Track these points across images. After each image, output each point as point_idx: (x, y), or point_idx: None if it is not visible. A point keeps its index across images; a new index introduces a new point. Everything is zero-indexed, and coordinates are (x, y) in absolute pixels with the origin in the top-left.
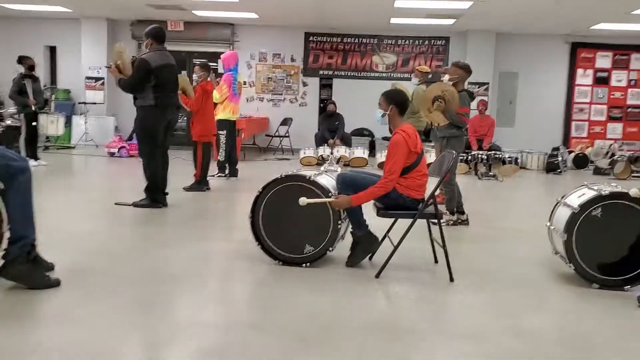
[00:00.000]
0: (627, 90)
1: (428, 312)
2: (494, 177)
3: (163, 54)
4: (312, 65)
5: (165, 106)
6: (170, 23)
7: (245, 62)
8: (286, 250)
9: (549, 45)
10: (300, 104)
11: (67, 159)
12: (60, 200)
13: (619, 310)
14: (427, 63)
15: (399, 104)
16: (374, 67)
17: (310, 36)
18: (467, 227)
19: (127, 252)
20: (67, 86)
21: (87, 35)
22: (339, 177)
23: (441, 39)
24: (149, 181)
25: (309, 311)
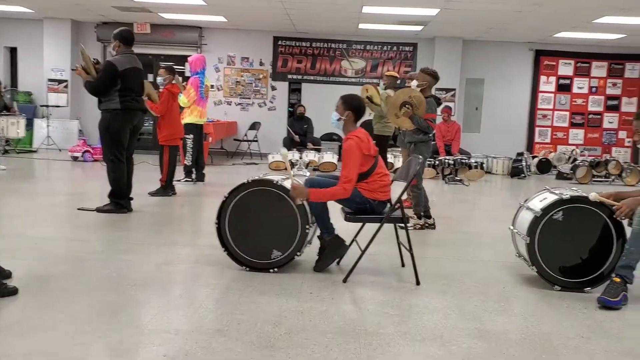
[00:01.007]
0: (588, 97)
1: (394, 316)
2: (460, 181)
3: (131, 57)
4: (280, 69)
5: (131, 110)
6: (136, 25)
7: (213, 66)
8: (253, 256)
9: (513, 53)
10: (269, 108)
11: (28, 164)
12: (21, 206)
13: (580, 312)
14: (395, 69)
15: (356, 110)
16: (342, 72)
17: (279, 40)
18: (434, 231)
19: (90, 257)
20: (28, 88)
21: (49, 37)
22: (307, 182)
23: (409, 45)
24: (113, 186)
25: (275, 316)
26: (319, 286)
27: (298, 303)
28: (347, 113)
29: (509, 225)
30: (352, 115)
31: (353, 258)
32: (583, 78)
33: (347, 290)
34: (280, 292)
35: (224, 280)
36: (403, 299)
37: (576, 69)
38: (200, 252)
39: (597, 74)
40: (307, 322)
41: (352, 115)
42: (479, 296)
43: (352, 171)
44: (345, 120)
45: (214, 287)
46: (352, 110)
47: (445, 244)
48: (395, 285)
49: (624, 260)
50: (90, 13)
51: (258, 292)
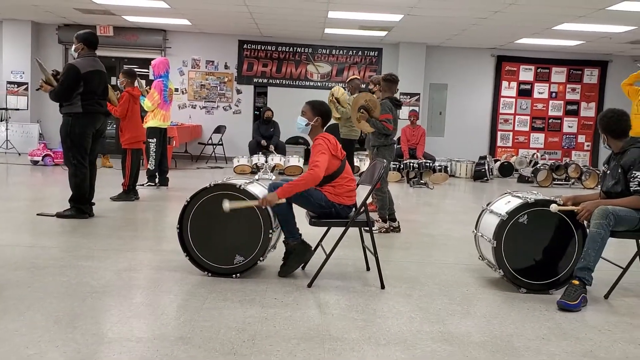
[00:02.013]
0: (548, 102)
1: (358, 320)
2: (425, 184)
3: (93, 60)
4: (246, 73)
5: (94, 113)
6: (99, 28)
7: (178, 69)
8: (215, 261)
9: (475, 58)
10: (234, 112)
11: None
12: None
13: (541, 314)
14: (360, 73)
15: (325, 116)
16: (308, 76)
17: (244, 44)
18: (399, 234)
19: (48, 264)
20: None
21: (9, 39)
22: (271, 186)
23: (374, 50)
24: (74, 191)
25: (238, 323)
26: (283, 291)
27: (262, 309)
28: (316, 119)
29: (472, 228)
30: (321, 120)
31: (318, 262)
32: (543, 83)
33: (311, 295)
34: (244, 298)
35: (187, 286)
36: (368, 303)
37: (536, 75)
38: (162, 258)
39: (557, 80)
40: (271, 328)
41: (321, 121)
42: (442, 299)
43: (322, 159)
44: (315, 126)
45: (176, 294)
46: (321, 116)
47: (410, 247)
48: (360, 289)
49: (582, 263)
50: (51, 15)
51: (221, 298)
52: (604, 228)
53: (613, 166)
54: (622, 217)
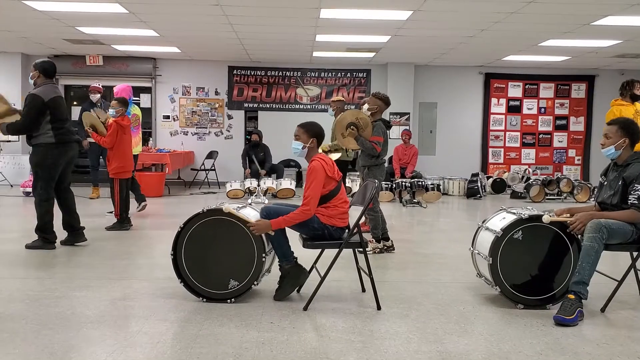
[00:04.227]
0: (537, 118)
1: (356, 342)
2: (418, 203)
3: (53, 87)
4: (236, 98)
5: (66, 142)
6: (88, 57)
7: (168, 97)
8: (210, 286)
9: (464, 76)
10: (225, 137)
11: None
12: None
13: (539, 329)
14: (349, 94)
15: (319, 136)
16: (298, 99)
17: (234, 70)
18: (393, 253)
19: (42, 296)
20: None
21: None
22: (263, 210)
23: (363, 71)
24: (39, 221)
25: (235, 348)
26: (279, 315)
27: (259, 333)
28: (311, 140)
29: (468, 246)
30: (316, 141)
31: (313, 285)
32: (532, 99)
33: (308, 318)
34: (240, 323)
35: (182, 313)
36: (364, 324)
37: (525, 91)
38: (157, 285)
39: (545, 95)
40: (268, 352)
41: (316, 142)
42: (440, 318)
43: (314, 192)
44: (310, 147)
45: (172, 321)
46: (315, 137)
47: (405, 266)
48: (356, 311)
49: (577, 277)
50: (40, 46)
51: (217, 324)
52: (597, 241)
53: (613, 178)
54: (615, 230)
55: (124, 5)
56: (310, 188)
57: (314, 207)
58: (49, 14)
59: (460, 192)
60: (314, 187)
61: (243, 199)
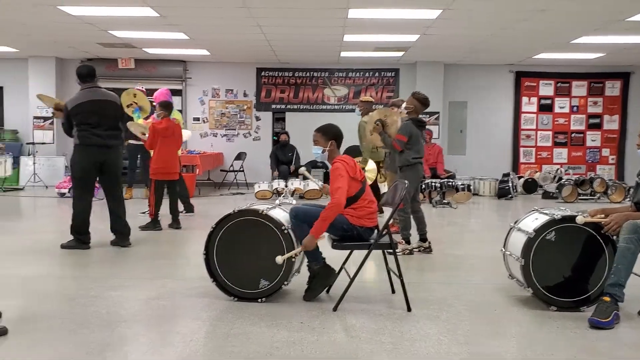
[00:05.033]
0: (570, 117)
1: (386, 344)
2: (447, 204)
3: (88, 91)
4: (264, 99)
5: (88, 145)
6: (120, 61)
7: (198, 99)
8: (241, 285)
9: (494, 75)
10: (254, 139)
11: (14, 201)
12: (9, 244)
13: (573, 332)
14: (377, 94)
15: (337, 137)
16: (325, 99)
17: (262, 71)
18: (423, 255)
19: (78, 295)
20: (14, 127)
21: (35, 75)
22: (292, 212)
23: (391, 70)
24: (72, 221)
25: (266, 347)
26: (309, 315)
27: (289, 333)
28: (330, 142)
29: (499, 247)
30: (335, 142)
31: (343, 286)
32: (564, 98)
33: (337, 319)
34: (271, 322)
35: (214, 312)
36: (395, 326)
37: (557, 89)
38: (189, 285)
39: (578, 93)
40: (299, 352)
41: (335, 143)
42: (470, 320)
43: (341, 184)
44: (330, 150)
45: (204, 320)
46: (334, 139)
47: (435, 268)
48: (386, 312)
49: (612, 279)
50: (74, 50)
51: (249, 323)
52: (633, 242)
53: None
54: None
55: (155, 9)
56: (336, 182)
57: (343, 199)
58: (82, 19)
59: (491, 192)
60: (340, 181)
61: (271, 200)
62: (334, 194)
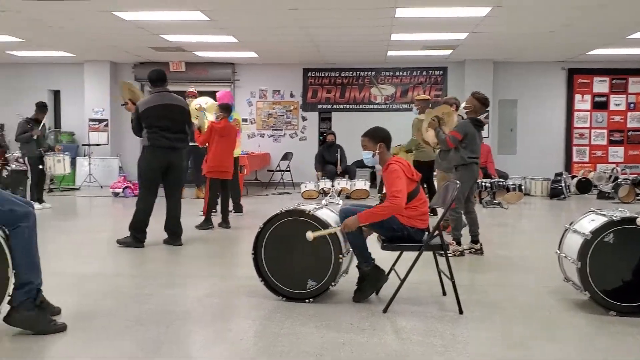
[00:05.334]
0: (626, 114)
1: (438, 346)
2: (498, 204)
3: (158, 95)
4: (310, 100)
5: (157, 147)
6: (172, 64)
7: (246, 100)
8: (289, 285)
9: (546, 72)
10: (300, 139)
11: (71, 201)
12: (66, 243)
13: (634, 338)
14: (425, 93)
15: (386, 140)
16: (372, 99)
17: (308, 72)
18: (474, 257)
19: (133, 292)
20: (70, 129)
21: (90, 79)
22: (342, 211)
23: (439, 69)
24: (132, 218)
25: (316, 348)
26: (358, 317)
27: (338, 334)
28: (379, 145)
29: (553, 249)
30: (384, 145)
31: (392, 287)
32: (620, 95)
33: (388, 321)
34: (320, 323)
35: (263, 311)
36: (446, 328)
37: (612, 86)
38: (238, 284)
39: (635, 90)
40: (349, 353)
41: (384, 146)
42: (525, 323)
43: (401, 185)
44: (380, 152)
45: (254, 319)
46: (382, 141)
47: (486, 269)
48: (437, 314)
49: None
50: (127, 54)
51: (298, 323)
52: None
53: None
54: None
55: (205, 13)
56: (395, 184)
57: (403, 202)
58: (135, 24)
59: (543, 192)
60: (400, 183)
61: (317, 200)
62: (394, 196)
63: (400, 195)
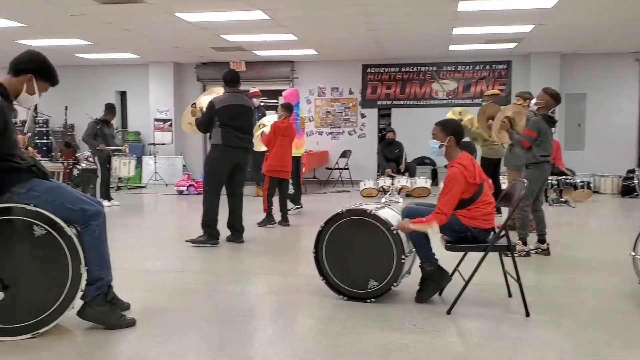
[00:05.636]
0: None
1: (504, 350)
2: (565, 203)
3: (233, 95)
4: (370, 96)
5: (232, 147)
6: (232, 64)
7: (305, 98)
8: (350, 285)
9: (617, 64)
10: (359, 136)
11: (138, 199)
12: (133, 239)
13: None
14: (488, 88)
15: (457, 134)
16: (433, 94)
17: (367, 68)
18: (540, 257)
19: (197, 289)
20: (137, 129)
21: (154, 79)
22: (404, 211)
23: (503, 62)
24: (204, 216)
25: (379, 349)
26: (421, 317)
27: (401, 335)
28: (449, 138)
29: (625, 250)
30: (454, 139)
31: (455, 288)
32: None
33: (451, 322)
34: (383, 323)
35: (325, 310)
36: (512, 331)
37: None
38: (299, 281)
39: None
40: (412, 355)
41: (454, 140)
42: (597, 328)
43: (451, 200)
44: (448, 146)
45: (316, 318)
46: (453, 135)
47: (554, 270)
48: (502, 316)
49: None
50: (190, 55)
51: (360, 323)
52: None
53: None
54: None
55: (266, 12)
56: (446, 197)
57: (446, 217)
58: (197, 25)
59: (613, 190)
60: (451, 196)
61: (377, 198)
62: (438, 211)
63: (444, 212)
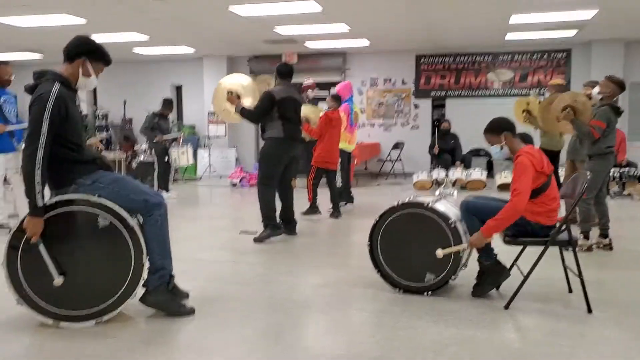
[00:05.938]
0: None
1: (564, 347)
2: (628, 196)
3: (287, 88)
4: (423, 87)
5: (293, 139)
6: (285, 56)
7: (357, 89)
8: (406, 278)
9: None
10: (411, 127)
11: (193, 190)
12: (190, 230)
13: None
14: (546, 78)
15: (508, 128)
16: (489, 84)
17: (421, 58)
18: (603, 252)
19: (252, 279)
20: (192, 122)
21: (208, 73)
22: (462, 205)
23: (562, 51)
24: (263, 210)
25: (435, 344)
26: (478, 312)
27: (458, 330)
28: (502, 137)
29: None
30: (509, 133)
31: (513, 282)
32: None
33: (510, 318)
34: (438, 317)
35: (379, 303)
36: (573, 328)
37: None
38: (352, 274)
39: None
40: (469, 351)
41: (509, 134)
42: None
43: (524, 185)
44: (507, 143)
45: (370, 311)
46: (505, 131)
47: (617, 266)
48: (562, 312)
49: None
50: (242, 48)
51: (415, 317)
52: None
53: None
54: None
55: (318, 2)
56: (520, 181)
57: (524, 201)
58: (250, 19)
59: None
60: (524, 180)
61: (431, 190)
62: (514, 194)
63: (521, 193)
